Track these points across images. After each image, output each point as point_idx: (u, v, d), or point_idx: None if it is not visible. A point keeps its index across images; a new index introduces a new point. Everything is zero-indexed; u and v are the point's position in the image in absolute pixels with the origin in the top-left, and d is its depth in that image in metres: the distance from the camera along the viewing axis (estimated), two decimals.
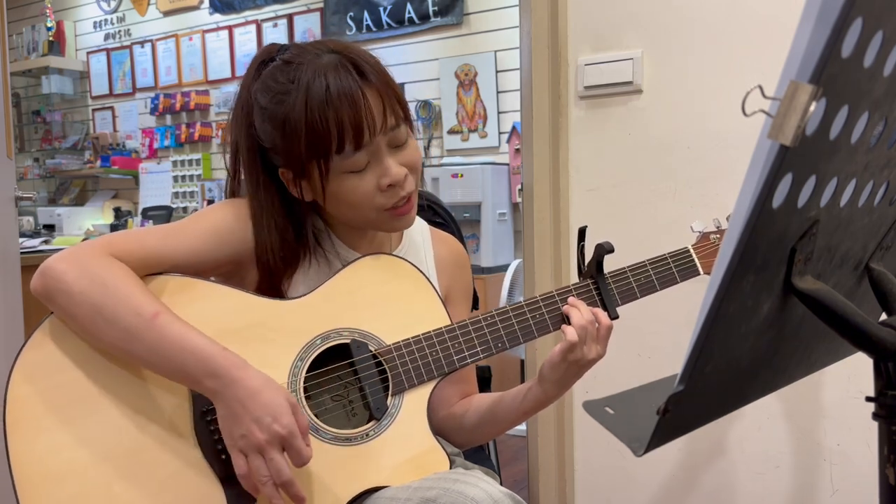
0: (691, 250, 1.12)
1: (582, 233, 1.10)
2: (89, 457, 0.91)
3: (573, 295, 1.07)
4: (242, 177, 1.09)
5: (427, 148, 4.29)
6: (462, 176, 3.81)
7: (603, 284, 1.08)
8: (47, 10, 5.61)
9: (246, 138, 1.05)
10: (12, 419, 0.91)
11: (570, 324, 1.03)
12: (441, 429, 1.14)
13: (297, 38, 4.57)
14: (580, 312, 1.03)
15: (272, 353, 0.98)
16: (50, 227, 4.95)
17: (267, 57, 1.06)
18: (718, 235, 1.13)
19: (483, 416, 1.14)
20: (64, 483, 0.90)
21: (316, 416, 0.99)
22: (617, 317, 1.07)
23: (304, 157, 0.99)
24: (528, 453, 1.96)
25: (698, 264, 1.11)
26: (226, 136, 1.10)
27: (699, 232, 1.13)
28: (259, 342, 0.98)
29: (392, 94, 1.02)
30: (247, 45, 4.98)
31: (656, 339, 1.78)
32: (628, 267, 1.10)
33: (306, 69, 0.99)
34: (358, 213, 1.05)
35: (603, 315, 1.05)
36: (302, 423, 0.90)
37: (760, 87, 0.46)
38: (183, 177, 5.25)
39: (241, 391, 0.88)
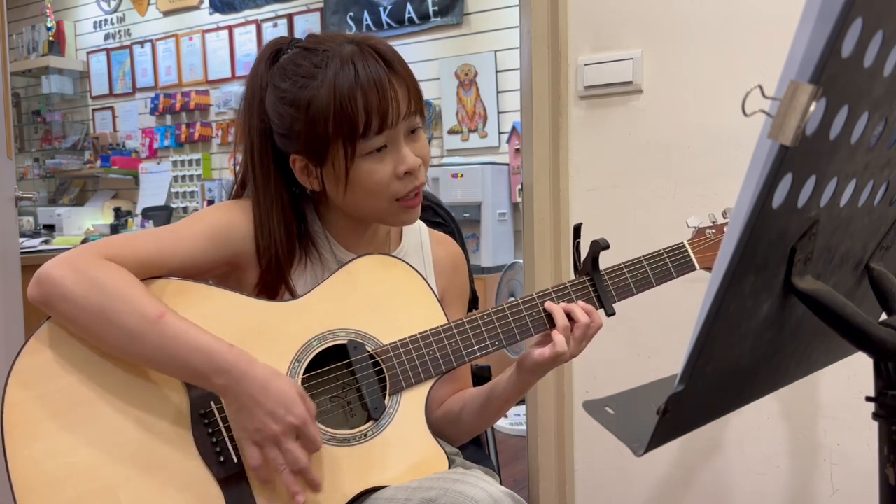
0: (686, 245, 1.12)
1: (577, 230, 1.10)
2: (87, 461, 0.91)
3: (569, 292, 1.08)
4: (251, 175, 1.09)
5: None
6: (462, 176, 3.81)
7: (599, 281, 1.08)
8: (47, 10, 5.61)
9: (258, 123, 1.05)
10: (10, 424, 0.91)
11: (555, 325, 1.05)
12: (436, 425, 1.14)
13: None
14: (563, 315, 1.04)
15: (269, 355, 0.98)
16: (50, 227, 4.95)
17: (278, 48, 1.07)
18: (714, 230, 1.13)
19: (470, 409, 1.15)
20: (62, 487, 0.90)
21: None
22: (614, 313, 1.08)
23: (330, 139, 1.00)
24: (528, 453, 1.96)
25: (694, 259, 1.11)
26: (238, 133, 1.10)
27: (694, 227, 1.14)
28: (256, 345, 0.98)
29: (413, 84, 1.04)
30: (247, 45, 4.98)
31: (656, 339, 1.78)
32: (624, 263, 1.10)
33: (333, 55, 1.00)
34: (372, 201, 1.05)
35: (595, 315, 1.06)
36: (311, 410, 0.92)
37: (760, 87, 0.46)
38: (183, 177, 5.25)
39: (251, 385, 0.90)
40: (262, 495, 0.94)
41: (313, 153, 1.02)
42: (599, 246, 1.06)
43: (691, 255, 1.11)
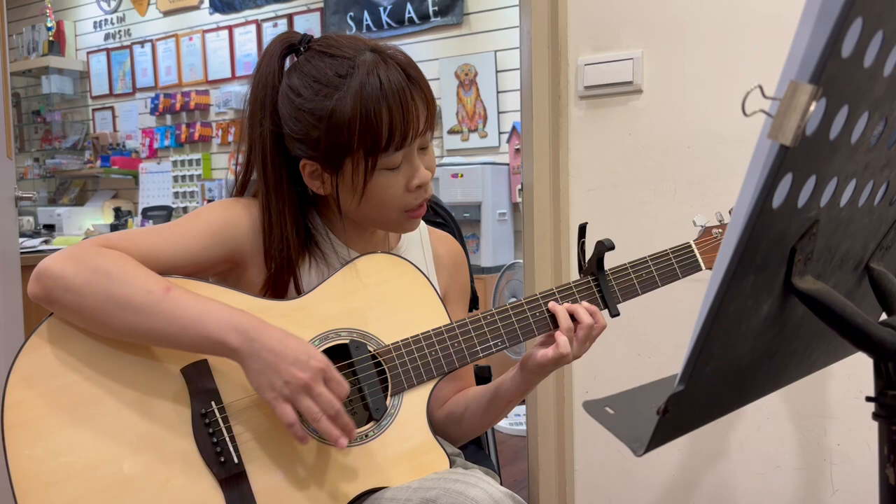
0: (693, 245, 1.11)
1: (582, 229, 1.10)
2: (88, 460, 0.91)
3: (574, 292, 1.08)
4: (254, 175, 1.08)
5: None
6: (462, 176, 3.81)
7: (604, 281, 1.08)
8: (47, 10, 5.61)
9: (270, 124, 1.04)
10: (10, 423, 0.91)
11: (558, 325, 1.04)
12: (437, 424, 1.14)
13: None
14: (566, 316, 1.04)
15: None
16: (50, 227, 4.96)
17: (289, 44, 1.05)
18: (721, 230, 1.12)
19: (473, 409, 1.14)
20: (62, 487, 0.90)
21: None
22: (618, 314, 1.07)
23: (352, 151, 0.99)
24: (528, 453, 1.96)
25: (700, 259, 1.10)
26: (243, 131, 1.08)
27: (701, 226, 1.12)
28: None
29: (431, 98, 1.04)
30: (247, 45, 4.98)
31: (656, 339, 1.78)
32: (629, 263, 1.10)
33: (358, 66, 0.99)
34: (381, 212, 1.05)
35: (599, 315, 1.05)
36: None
37: (760, 87, 0.46)
38: (183, 177, 5.25)
39: (269, 341, 0.90)
40: (262, 495, 0.94)
41: (329, 162, 1.01)
42: (604, 246, 1.06)
43: (697, 255, 1.11)
